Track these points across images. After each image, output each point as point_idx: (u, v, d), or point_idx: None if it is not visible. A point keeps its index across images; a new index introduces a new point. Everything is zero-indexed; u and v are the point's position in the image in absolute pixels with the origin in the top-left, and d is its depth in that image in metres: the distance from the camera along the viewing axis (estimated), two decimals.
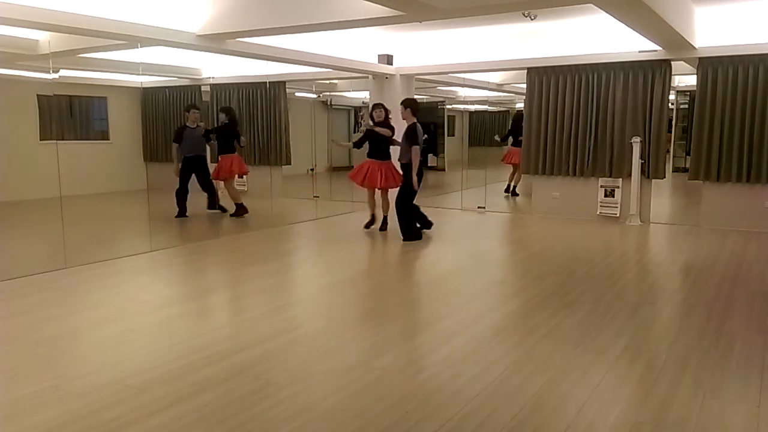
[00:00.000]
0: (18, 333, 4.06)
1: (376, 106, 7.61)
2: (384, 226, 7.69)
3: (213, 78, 10.96)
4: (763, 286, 5.14)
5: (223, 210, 9.08)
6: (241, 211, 8.91)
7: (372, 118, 7.53)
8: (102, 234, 7.94)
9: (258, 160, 11.09)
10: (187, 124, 8.79)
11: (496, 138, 11.97)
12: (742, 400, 3.00)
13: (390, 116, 7.57)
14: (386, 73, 9.68)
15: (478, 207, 9.63)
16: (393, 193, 7.55)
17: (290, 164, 11.23)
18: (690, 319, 4.29)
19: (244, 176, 9.56)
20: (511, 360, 3.50)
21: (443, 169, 16.18)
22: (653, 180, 8.29)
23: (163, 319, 4.40)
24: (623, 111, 8.22)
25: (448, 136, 16.25)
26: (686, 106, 14.27)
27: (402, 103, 7.29)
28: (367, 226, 7.84)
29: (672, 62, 7.97)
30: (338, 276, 5.78)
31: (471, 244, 7.28)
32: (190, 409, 2.92)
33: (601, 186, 8.53)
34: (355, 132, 13.11)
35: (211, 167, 8.97)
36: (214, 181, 8.97)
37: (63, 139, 11.10)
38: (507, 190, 11.57)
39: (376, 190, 7.70)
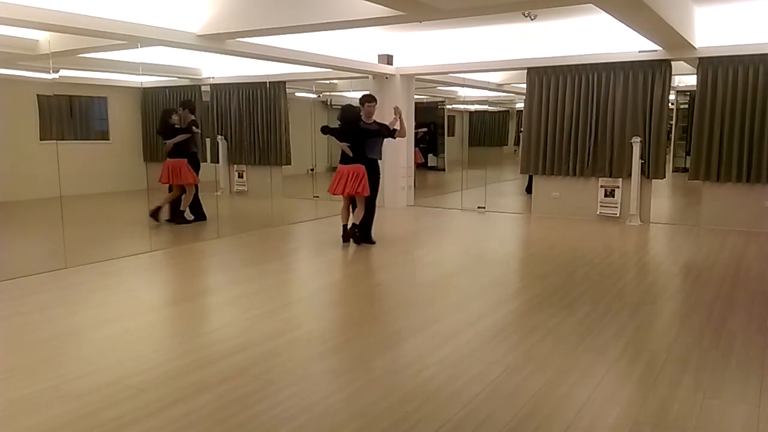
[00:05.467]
0: (18, 333, 4.06)
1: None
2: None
3: (213, 78, 10.96)
4: (763, 286, 5.14)
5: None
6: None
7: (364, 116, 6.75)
8: (102, 234, 7.94)
9: (258, 160, 11.11)
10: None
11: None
12: (742, 400, 3.00)
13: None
14: (386, 73, 9.68)
15: (478, 207, 9.62)
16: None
17: (290, 164, 11.24)
18: (690, 319, 4.29)
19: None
20: (511, 360, 3.50)
21: (443, 169, 16.19)
22: (653, 180, 8.29)
23: (163, 319, 4.40)
24: (623, 111, 8.22)
25: (448, 136, 16.25)
26: (686, 106, 14.26)
27: (374, 99, 6.79)
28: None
29: (672, 62, 7.97)
30: (338, 276, 5.78)
31: (471, 244, 7.28)
32: (190, 409, 2.92)
33: (601, 186, 8.53)
34: None
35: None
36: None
37: (63, 139, 11.08)
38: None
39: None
